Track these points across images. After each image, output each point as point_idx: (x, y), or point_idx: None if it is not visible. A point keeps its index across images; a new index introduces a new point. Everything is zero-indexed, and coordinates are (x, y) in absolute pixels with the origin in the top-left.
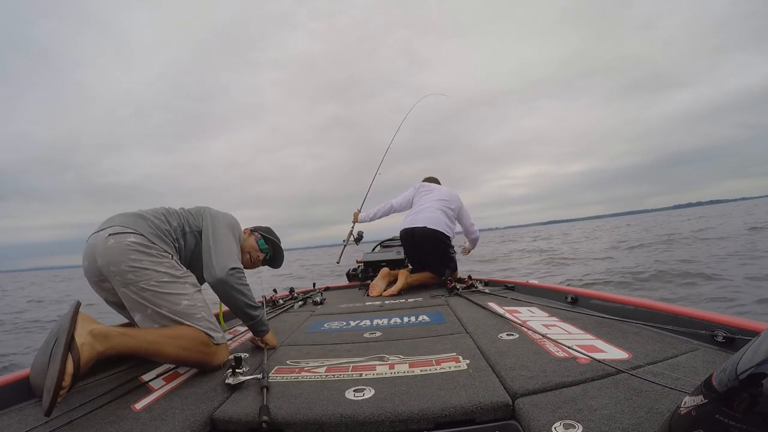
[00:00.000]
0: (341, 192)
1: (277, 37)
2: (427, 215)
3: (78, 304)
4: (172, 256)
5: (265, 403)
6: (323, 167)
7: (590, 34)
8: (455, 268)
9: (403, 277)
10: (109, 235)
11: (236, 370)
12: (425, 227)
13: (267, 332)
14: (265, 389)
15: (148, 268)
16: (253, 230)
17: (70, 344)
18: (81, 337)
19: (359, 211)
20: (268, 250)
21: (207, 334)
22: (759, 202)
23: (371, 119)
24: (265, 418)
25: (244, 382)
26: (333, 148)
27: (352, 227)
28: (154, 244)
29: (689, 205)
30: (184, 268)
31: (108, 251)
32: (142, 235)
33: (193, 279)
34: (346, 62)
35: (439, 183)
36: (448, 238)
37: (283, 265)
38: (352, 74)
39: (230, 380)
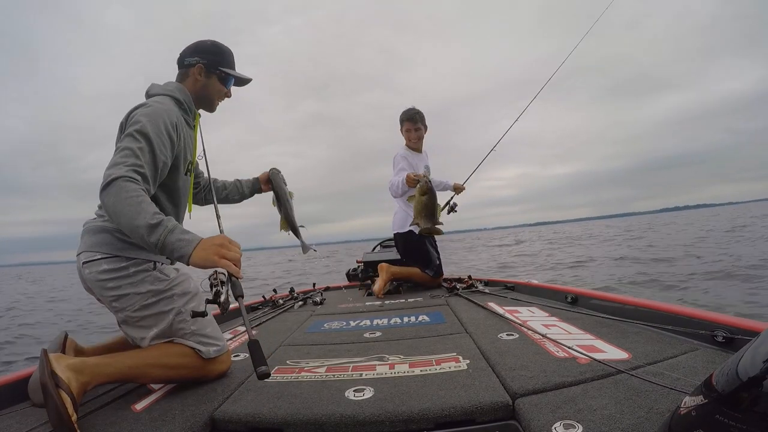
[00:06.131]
0: (325, 191)
1: (254, 33)
2: (394, 218)
3: (44, 351)
4: (155, 265)
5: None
6: (305, 166)
7: (572, 34)
8: (435, 270)
9: (382, 272)
10: (84, 264)
11: (217, 297)
12: (397, 233)
13: (187, 251)
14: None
15: (129, 293)
16: (200, 63)
17: (56, 379)
18: (63, 372)
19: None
20: (229, 78)
21: (195, 349)
22: (744, 207)
23: (352, 118)
24: (262, 368)
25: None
26: (314, 147)
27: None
28: (130, 258)
29: (677, 208)
30: (170, 276)
31: (90, 281)
32: (113, 256)
33: (183, 286)
34: (324, 59)
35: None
36: (411, 232)
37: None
38: (331, 72)
39: (222, 299)
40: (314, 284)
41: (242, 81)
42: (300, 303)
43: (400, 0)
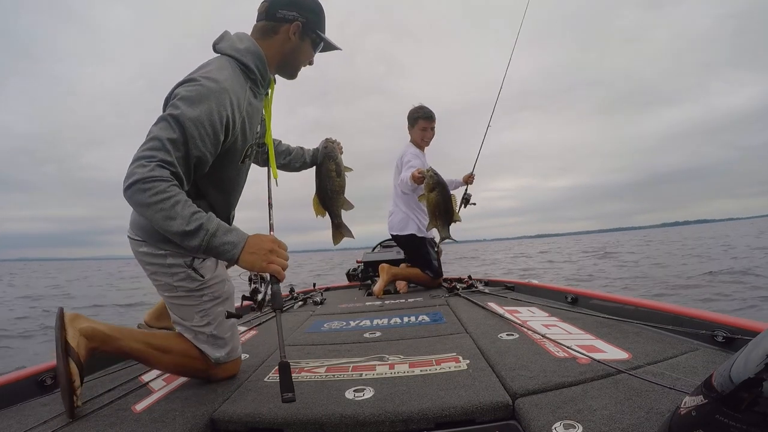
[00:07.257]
0: None
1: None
2: (392, 219)
3: (61, 311)
4: (193, 261)
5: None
6: (307, 174)
7: (573, 47)
8: (435, 272)
9: (383, 272)
10: (128, 237)
11: (255, 295)
12: (396, 235)
13: (233, 255)
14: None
15: (162, 281)
16: (284, 20)
17: (67, 349)
18: (73, 339)
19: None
20: (317, 38)
21: (202, 351)
22: (744, 223)
23: (351, 125)
24: (289, 395)
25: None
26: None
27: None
28: (167, 249)
29: (676, 223)
30: (204, 277)
31: (133, 252)
32: (150, 244)
33: (215, 289)
34: (323, 65)
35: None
36: (413, 236)
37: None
38: (331, 78)
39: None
40: (314, 284)
41: (331, 48)
42: (300, 303)
43: (401, 7)
